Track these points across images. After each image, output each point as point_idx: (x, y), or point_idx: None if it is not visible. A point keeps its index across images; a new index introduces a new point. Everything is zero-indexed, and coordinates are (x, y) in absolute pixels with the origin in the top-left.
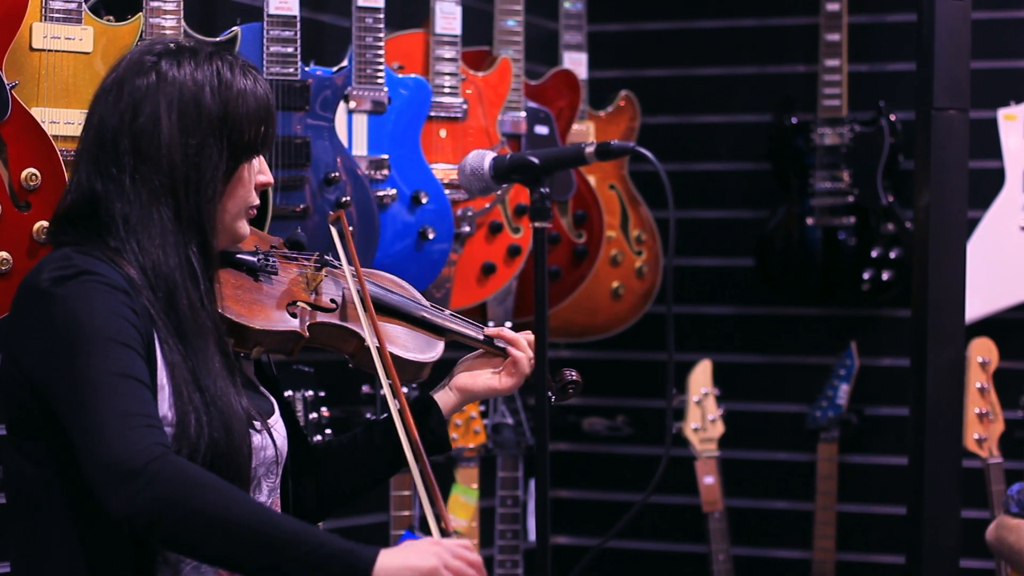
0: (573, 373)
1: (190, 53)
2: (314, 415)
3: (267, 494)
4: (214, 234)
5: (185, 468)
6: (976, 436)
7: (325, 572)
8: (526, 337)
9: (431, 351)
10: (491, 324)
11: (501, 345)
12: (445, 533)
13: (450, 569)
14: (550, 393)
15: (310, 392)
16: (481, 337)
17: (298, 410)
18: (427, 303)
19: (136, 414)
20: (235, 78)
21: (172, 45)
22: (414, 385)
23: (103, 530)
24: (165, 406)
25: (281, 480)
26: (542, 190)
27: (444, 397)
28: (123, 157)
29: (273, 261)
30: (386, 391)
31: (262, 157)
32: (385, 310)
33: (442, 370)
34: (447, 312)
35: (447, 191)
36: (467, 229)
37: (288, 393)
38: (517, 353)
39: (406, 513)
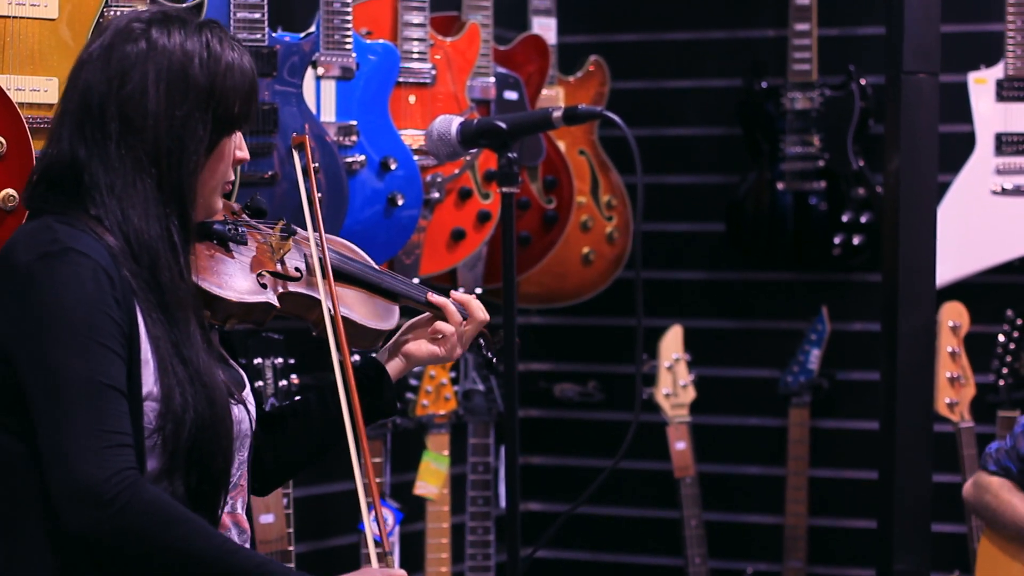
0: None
1: (179, 22)
2: (283, 382)
3: (237, 467)
4: (193, 207)
5: (154, 502)
6: (947, 400)
7: None
8: (461, 299)
9: (390, 318)
10: (461, 290)
11: (438, 311)
12: (383, 558)
13: None
14: (490, 355)
15: (279, 359)
16: (423, 300)
17: (267, 377)
18: (379, 268)
19: (109, 432)
20: (223, 51)
21: (160, 13)
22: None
23: None
24: (150, 381)
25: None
26: (510, 155)
27: (391, 362)
28: (109, 124)
29: (243, 231)
30: (334, 360)
31: (240, 133)
32: (345, 277)
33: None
34: (397, 277)
35: (416, 157)
36: (436, 195)
37: (257, 360)
38: (444, 326)
39: (377, 480)
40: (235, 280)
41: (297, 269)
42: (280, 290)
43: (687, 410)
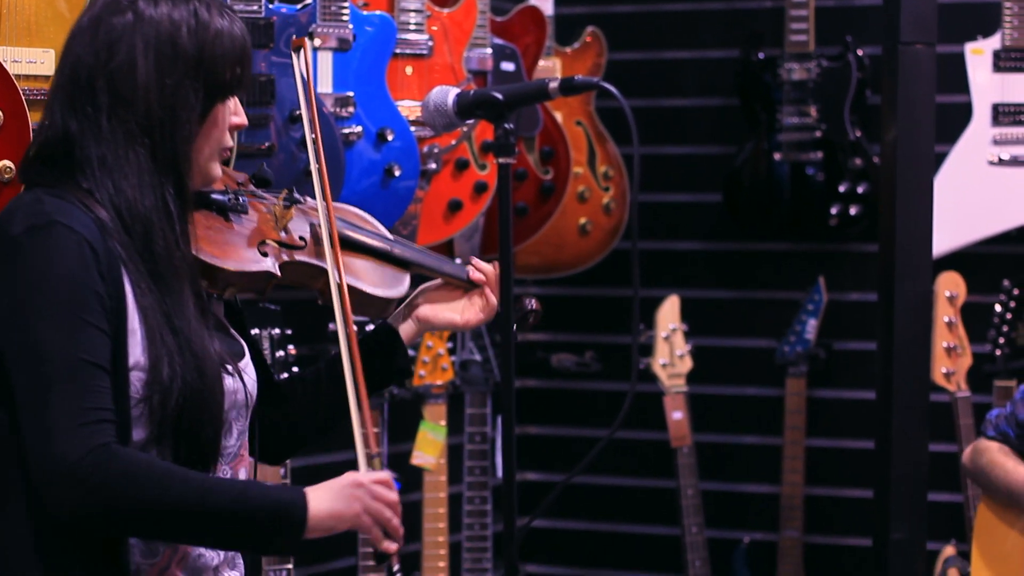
0: (533, 302)
1: None
2: (281, 353)
3: (236, 437)
4: (189, 175)
5: (123, 470)
6: (944, 370)
7: (266, 533)
8: (485, 271)
9: (398, 286)
10: (458, 261)
11: (465, 277)
12: (371, 460)
13: (370, 513)
14: (514, 324)
15: (277, 330)
16: (447, 270)
17: (264, 348)
18: (392, 237)
19: (87, 408)
20: (212, 18)
21: None
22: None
23: None
24: (138, 351)
25: (249, 420)
26: (506, 126)
27: (404, 327)
28: (99, 97)
29: (243, 200)
30: (339, 327)
31: (237, 99)
32: (352, 245)
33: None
34: (411, 245)
35: (413, 128)
36: (433, 166)
37: (255, 331)
38: (490, 294)
39: (377, 450)
40: (234, 249)
41: (302, 238)
42: (283, 259)
43: (684, 380)
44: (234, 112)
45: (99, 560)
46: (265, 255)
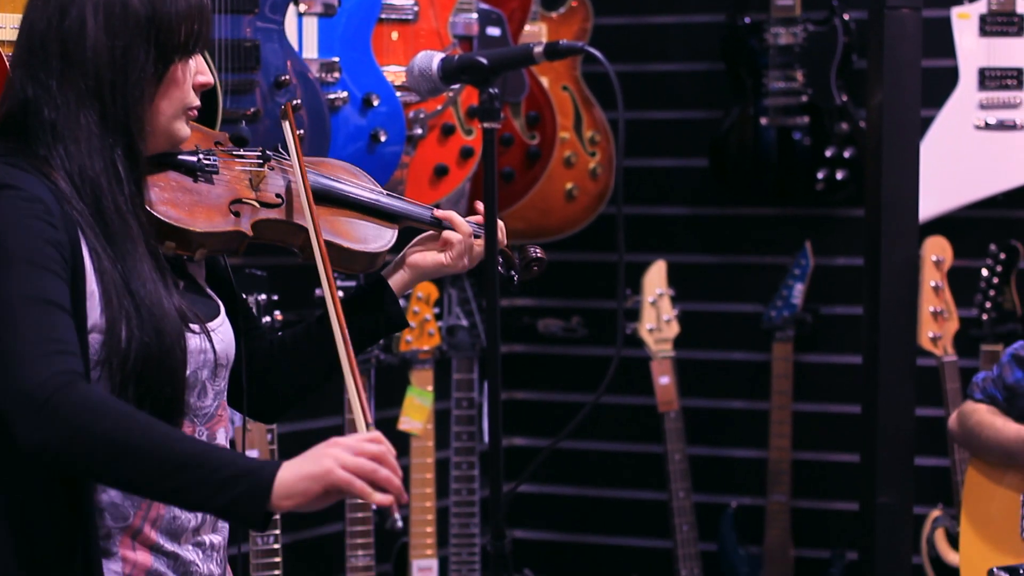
0: (537, 250)
1: None
2: (267, 319)
3: (212, 398)
4: (141, 137)
5: (87, 397)
6: (930, 334)
7: (228, 495)
8: (474, 219)
9: (382, 240)
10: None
11: (445, 224)
12: (367, 426)
13: (347, 468)
14: (513, 272)
15: (263, 296)
16: (429, 219)
17: None
18: (381, 189)
19: (48, 340)
20: None
21: None
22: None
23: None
24: (96, 313)
25: (235, 381)
26: (491, 90)
27: (395, 275)
28: (51, 61)
29: (214, 160)
30: (323, 284)
31: (200, 57)
32: (333, 200)
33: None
34: (398, 196)
35: (399, 93)
36: (419, 131)
37: (243, 296)
38: (453, 235)
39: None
40: (203, 210)
41: (277, 195)
42: (257, 218)
43: (671, 345)
44: (198, 71)
45: (67, 524)
46: (237, 214)
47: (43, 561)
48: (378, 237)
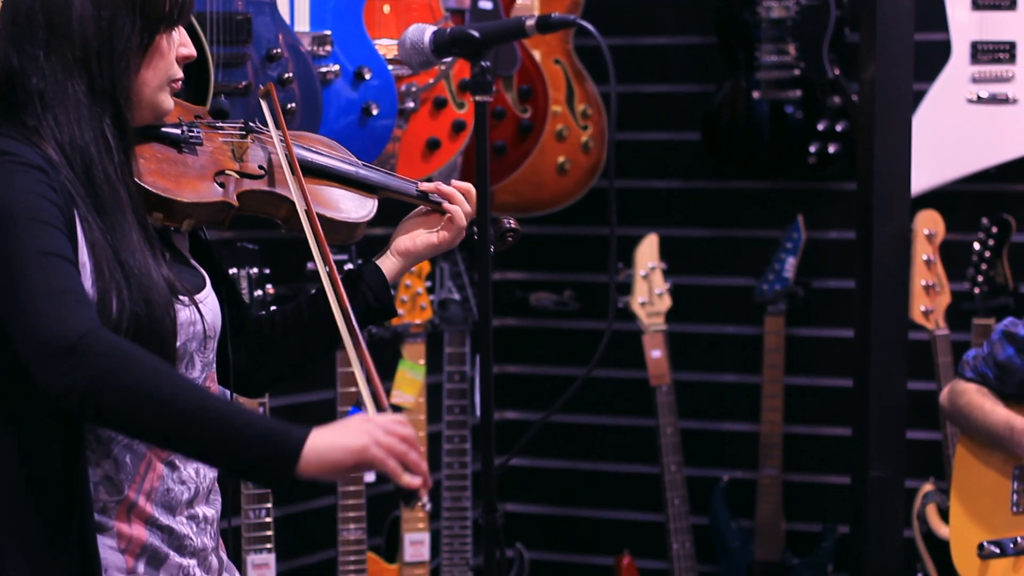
0: (511, 220)
1: None
2: (259, 292)
3: (200, 370)
4: (128, 107)
5: (117, 344)
6: (922, 308)
7: (255, 451)
8: (461, 188)
9: (363, 210)
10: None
11: (436, 199)
12: (380, 408)
13: (381, 446)
14: (489, 243)
15: (255, 269)
16: (415, 192)
17: (243, 287)
18: (359, 162)
19: (65, 291)
20: None
21: None
22: (359, 260)
23: (31, 408)
24: (88, 283)
25: (221, 353)
26: (483, 64)
27: (387, 263)
28: (37, 32)
29: (197, 132)
30: (315, 256)
31: (182, 29)
32: (313, 171)
33: (381, 245)
34: (380, 169)
35: (390, 67)
36: (411, 105)
37: (232, 270)
38: (451, 207)
39: (353, 389)
40: (189, 181)
41: (260, 167)
42: (241, 189)
43: (663, 318)
44: (181, 43)
45: (62, 499)
46: (222, 185)
47: (38, 538)
48: (359, 207)
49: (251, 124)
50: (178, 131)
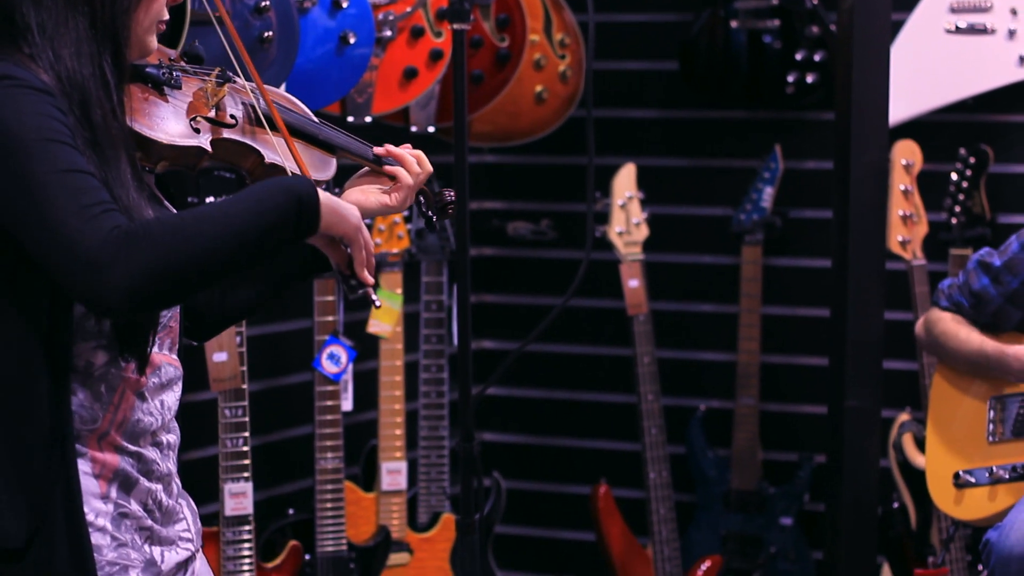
0: (451, 193)
1: None
2: None
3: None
4: (127, 45)
5: (149, 231)
6: (900, 238)
7: (294, 191)
8: (413, 154)
9: (326, 170)
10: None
11: (389, 164)
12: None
13: (363, 236)
14: (430, 212)
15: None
16: (370, 157)
17: None
18: (318, 120)
19: (90, 204)
20: None
21: None
22: None
23: (13, 335)
24: None
25: None
26: None
27: None
28: None
29: (177, 75)
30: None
31: None
32: (277, 127)
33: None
34: (338, 130)
35: None
36: (388, 33)
37: (209, 199)
38: (400, 171)
39: (330, 319)
40: (168, 123)
41: (232, 116)
42: (217, 136)
43: (640, 248)
44: None
45: (49, 418)
46: (198, 131)
47: (24, 464)
48: (325, 166)
49: (227, 73)
50: (160, 72)
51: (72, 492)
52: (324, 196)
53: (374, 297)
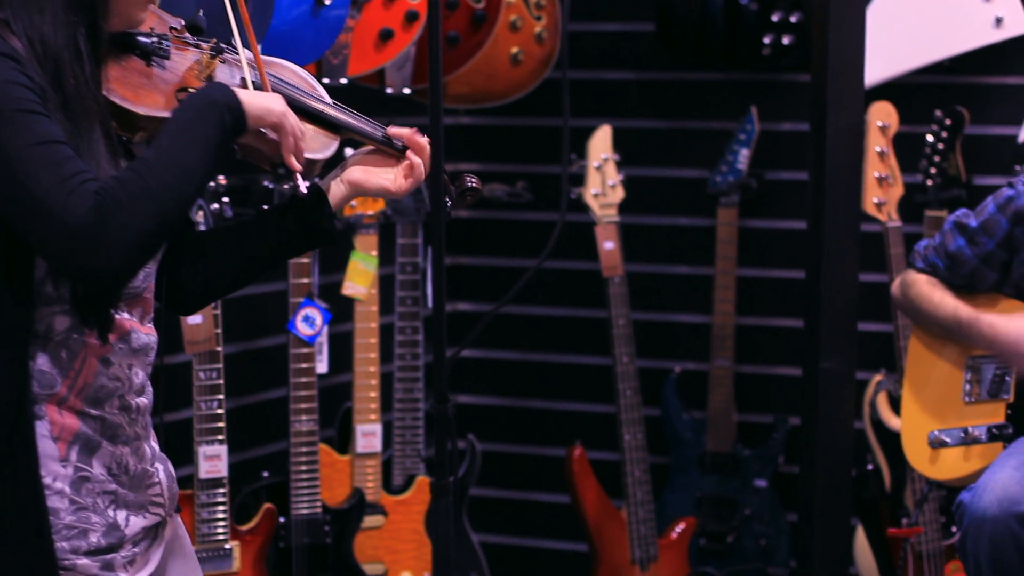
0: (474, 180)
1: None
2: (211, 183)
3: (142, 279)
4: (104, 17)
5: (119, 200)
6: (875, 200)
7: (219, 118)
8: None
9: (327, 150)
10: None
11: (400, 145)
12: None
13: (293, 124)
14: (447, 199)
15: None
16: (380, 137)
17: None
18: (327, 97)
19: (70, 176)
20: None
21: None
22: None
23: None
24: None
25: (160, 266)
26: None
27: (335, 189)
28: None
29: (167, 45)
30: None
31: None
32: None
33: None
34: (347, 108)
35: None
36: None
37: None
38: (416, 159)
39: (305, 281)
40: (149, 94)
41: None
42: None
43: (616, 210)
44: None
45: (6, 389)
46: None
47: None
48: (322, 147)
49: (222, 45)
50: (148, 41)
51: (29, 455)
52: (244, 94)
53: (300, 183)
